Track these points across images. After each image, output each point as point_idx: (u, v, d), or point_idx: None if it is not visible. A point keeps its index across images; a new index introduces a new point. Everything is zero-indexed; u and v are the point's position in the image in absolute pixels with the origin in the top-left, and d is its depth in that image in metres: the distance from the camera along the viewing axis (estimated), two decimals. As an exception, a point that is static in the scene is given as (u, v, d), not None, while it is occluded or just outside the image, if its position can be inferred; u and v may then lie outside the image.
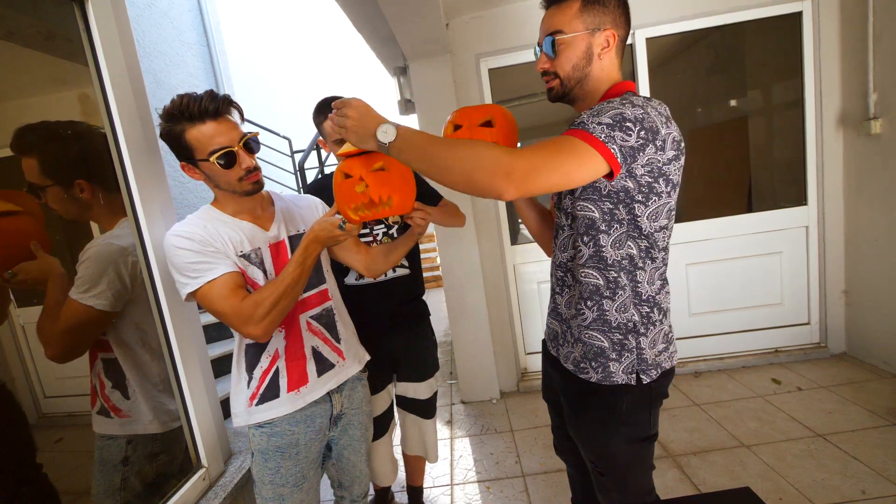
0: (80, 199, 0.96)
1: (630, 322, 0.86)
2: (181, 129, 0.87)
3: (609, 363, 0.87)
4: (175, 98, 0.87)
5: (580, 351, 0.90)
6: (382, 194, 0.91)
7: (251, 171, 0.93)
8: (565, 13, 0.85)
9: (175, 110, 0.86)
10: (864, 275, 2.35)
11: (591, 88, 0.88)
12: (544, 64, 0.90)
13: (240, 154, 0.91)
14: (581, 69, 0.86)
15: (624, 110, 0.74)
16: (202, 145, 0.88)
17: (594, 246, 0.85)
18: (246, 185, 0.94)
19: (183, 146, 0.88)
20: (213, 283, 0.88)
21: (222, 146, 0.88)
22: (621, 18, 0.86)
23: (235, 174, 0.91)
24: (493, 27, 2.34)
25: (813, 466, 1.68)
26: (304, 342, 1.05)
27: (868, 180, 2.24)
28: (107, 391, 1.02)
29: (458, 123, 0.90)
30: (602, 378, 0.87)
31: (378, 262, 1.20)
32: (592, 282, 0.87)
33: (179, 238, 0.89)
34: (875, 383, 2.18)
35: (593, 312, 0.88)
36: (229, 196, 0.97)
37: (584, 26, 0.84)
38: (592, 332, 0.88)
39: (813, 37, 2.30)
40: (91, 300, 0.91)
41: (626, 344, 0.86)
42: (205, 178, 0.93)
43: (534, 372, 2.73)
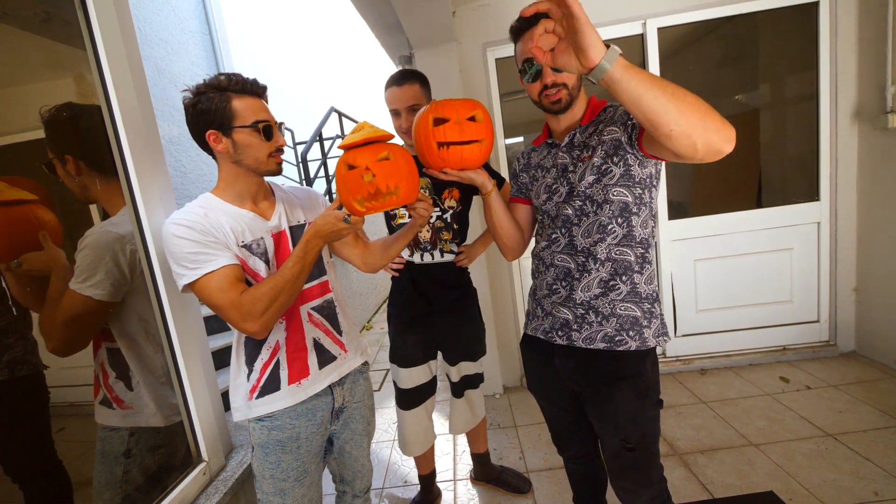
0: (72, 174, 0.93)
1: (654, 292, 1.00)
2: (227, 97, 0.89)
3: (643, 330, 0.98)
4: (220, 75, 0.90)
5: (614, 325, 0.98)
6: (390, 183, 0.89)
7: (280, 150, 0.96)
8: None
9: (223, 83, 0.89)
10: (876, 273, 2.31)
11: (581, 97, 1.03)
12: (552, 77, 0.97)
13: (276, 131, 0.95)
14: (580, 79, 1.00)
15: None
16: (248, 114, 0.90)
17: (627, 227, 0.96)
18: (272, 163, 0.95)
19: (224, 113, 0.89)
20: (212, 275, 0.85)
21: (266, 119, 0.92)
22: None
23: (268, 148, 0.93)
24: (500, 16, 2.29)
25: (824, 467, 1.65)
26: (305, 334, 1.03)
27: (883, 176, 2.19)
28: (110, 381, 0.99)
29: (444, 117, 0.90)
30: (640, 345, 0.97)
31: (376, 257, 1.18)
32: (627, 258, 0.97)
33: (179, 227, 0.86)
34: (886, 383, 2.15)
35: (626, 286, 0.98)
36: (240, 176, 0.95)
37: None
38: (627, 304, 0.98)
39: (830, 28, 2.24)
40: (89, 290, 0.88)
41: (654, 311, 1.00)
42: (230, 150, 0.91)
43: (538, 367, 2.71)
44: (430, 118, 0.91)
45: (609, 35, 2.31)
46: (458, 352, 1.58)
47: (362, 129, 0.94)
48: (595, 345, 0.99)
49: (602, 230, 0.97)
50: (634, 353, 0.98)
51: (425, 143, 0.91)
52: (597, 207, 0.97)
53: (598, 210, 0.97)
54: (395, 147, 0.93)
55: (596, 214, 0.97)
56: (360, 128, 0.95)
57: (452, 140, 0.89)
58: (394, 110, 1.39)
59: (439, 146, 0.90)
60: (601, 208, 0.96)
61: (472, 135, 0.90)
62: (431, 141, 0.90)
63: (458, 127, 0.89)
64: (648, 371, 0.99)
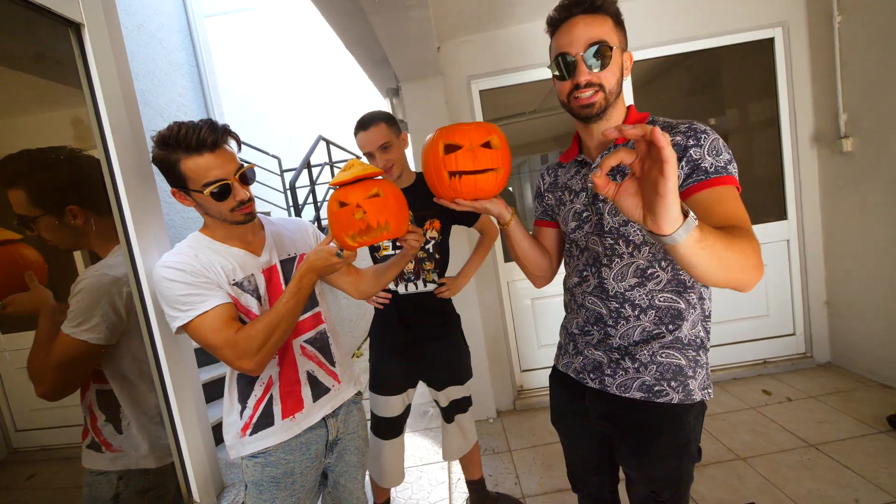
0: (73, 226, 0.94)
1: (698, 338, 0.89)
2: (176, 158, 0.84)
3: (688, 381, 0.87)
4: (172, 126, 0.84)
5: (654, 374, 0.88)
6: (380, 219, 0.92)
7: (244, 202, 0.92)
8: (604, 25, 0.81)
9: (171, 139, 0.83)
10: (844, 286, 2.44)
11: (617, 110, 0.88)
12: (587, 76, 0.81)
13: (234, 186, 0.89)
14: (619, 83, 0.85)
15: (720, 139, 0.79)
16: (197, 176, 0.85)
17: (672, 270, 0.85)
18: (238, 215, 0.92)
19: (176, 175, 0.86)
20: (206, 315, 0.86)
21: (217, 178, 0.86)
22: None
23: (228, 206, 0.90)
24: (483, 51, 2.41)
25: (807, 477, 1.70)
26: (299, 367, 1.04)
27: (843, 195, 2.35)
28: (99, 424, 0.98)
29: (457, 143, 0.80)
30: (683, 397, 0.87)
31: (369, 284, 1.20)
32: (673, 306, 0.87)
33: (170, 269, 0.86)
34: (861, 392, 2.24)
35: (671, 334, 0.87)
36: (218, 224, 0.95)
37: (620, 43, 0.84)
38: (669, 352, 0.88)
39: (785, 61, 2.43)
40: (85, 334, 0.88)
41: (699, 360, 0.89)
42: (195, 206, 0.92)
43: (530, 389, 2.72)
44: (441, 145, 0.81)
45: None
46: (444, 377, 1.59)
47: (352, 167, 0.98)
48: (631, 393, 0.90)
49: (641, 274, 0.86)
50: (675, 407, 0.87)
51: (435, 173, 0.82)
52: (633, 249, 0.86)
53: (636, 252, 0.86)
54: (385, 183, 0.97)
55: (632, 256, 0.86)
56: (350, 165, 0.99)
57: (465, 169, 0.80)
58: (367, 153, 1.43)
59: (451, 175, 0.80)
60: (638, 250, 0.86)
61: (486, 163, 0.80)
62: (442, 170, 0.80)
63: (470, 154, 0.79)
64: (691, 424, 0.88)
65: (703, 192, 0.76)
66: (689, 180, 0.77)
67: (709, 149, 0.77)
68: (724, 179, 0.75)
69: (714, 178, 0.75)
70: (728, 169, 0.76)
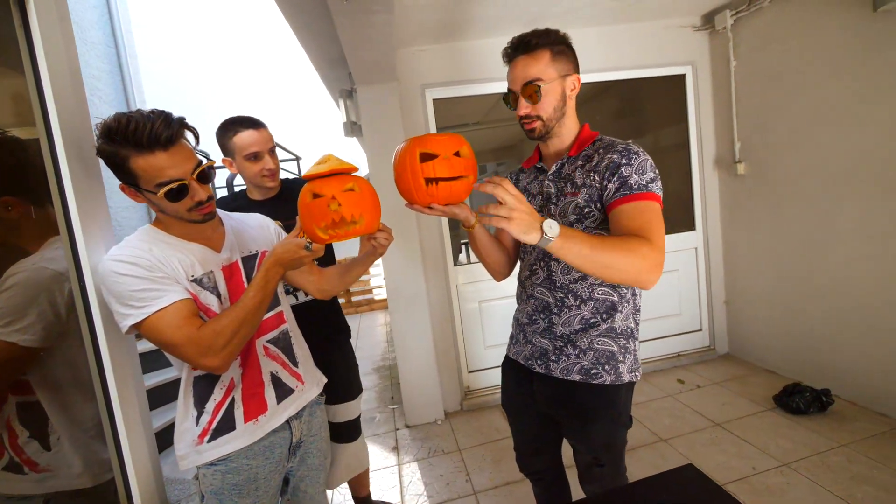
0: (5, 218, 0.82)
1: (629, 328, 1.02)
2: (125, 154, 0.76)
3: (618, 365, 1.00)
4: (120, 117, 0.75)
5: (591, 359, 1.01)
6: (355, 213, 0.92)
7: (202, 203, 0.86)
8: (539, 62, 0.94)
9: (119, 133, 0.75)
10: (739, 288, 2.87)
11: (568, 126, 1.02)
12: (526, 109, 0.98)
13: (192, 186, 0.83)
14: (559, 110, 0.98)
15: (649, 159, 0.92)
16: (149, 176, 0.78)
17: None
18: (195, 215, 0.87)
19: (126, 172, 0.78)
20: (164, 311, 0.79)
21: (173, 178, 0.79)
22: (577, 63, 1.00)
23: (185, 206, 0.84)
24: (437, 61, 2.49)
25: (716, 452, 1.97)
26: (262, 368, 1.00)
27: (738, 211, 2.77)
28: (20, 441, 0.85)
29: (433, 153, 0.86)
30: (615, 380, 1.00)
31: (332, 283, 1.19)
32: (609, 298, 1.00)
33: (120, 263, 0.79)
34: (753, 377, 2.64)
35: (606, 323, 1.00)
36: (174, 221, 0.89)
37: (557, 73, 0.95)
38: (604, 339, 1.00)
39: (693, 95, 2.82)
40: (14, 335, 0.78)
41: (629, 347, 1.02)
42: (148, 203, 0.84)
43: (476, 390, 2.80)
44: (417, 153, 0.86)
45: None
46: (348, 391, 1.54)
47: (328, 160, 0.98)
48: (571, 376, 1.02)
49: None
50: (608, 387, 1.00)
51: (413, 180, 0.87)
52: None
53: None
54: (360, 179, 0.98)
55: None
56: (326, 159, 0.98)
57: (442, 176, 0.86)
58: (253, 154, 1.34)
59: (427, 182, 0.86)
60: None
61: (460, 170, 0.88)
62: (419, 177, 0.86)
63: (447, 163, 0.86)
64: (622, 400, 1.03)
65: (625, 205, 0.89)
66: (617, 193, 0.90)
67: (636, 168, 0.90)
68: (644, 196, 0.88)
69: (636, 193, 0.88)
70: (649, 187, 0.89)
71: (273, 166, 1.37)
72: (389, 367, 3.71)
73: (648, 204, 0.88)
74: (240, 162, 1.35)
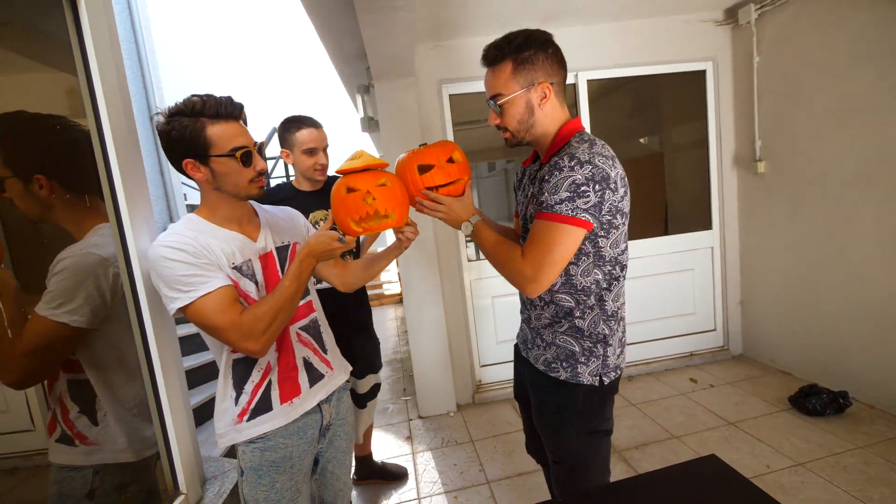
0: (38, 195, 0.88)
1: (600, 334, 0.99)
2: (201, 124, 0.86)
3: (578, 365, 1.00)
4: (191, 97, 0.87)
5: (553, 353, 1.03)
6: (388, 207, 0.98)
7: (262, 174, 0.95)
8: (499, 77, 0.95)
9: (195, 107, 0.86)
10: (754, 288, 2.85)
11: (540, 133, 0.99)
12: (495, 120, 1.01)
13: (255, 156, 0.93)
14: (526, 122, 0.97)
15: (574, 175, 0.86)
16: (224, 141, 0.87)
17: (565, 275, 0.98)
18: (253, 188, 0.95)
19: (199, 141, 0.86)
20: (209, 296, 0.84)
21: (243, 145, 0.90)
22: (554, 67, 0.95)
23: (248, 175, 0.92)
24: (453, 57, 2.50)
25: (729, 450, 1.98)
26: (296, 353, 1.05)
27: (756, 210, 2.75)
28: (71, 416, 0.91)
29: (429, 163, 0.99)
30: (570, 377, 1.00)
31: (356, 276, 1.23)
32: (566, 304, 1.00)
33: (170, 249, 0.85)
34: (766, 378, 2.63)
35: (569, 322, 1.00)
36: (223, 201, 0.95)
37: (520, 85, 0.93)
38: (567, 338, 1.01)
39: (714, 91, 2.79)
40: (65, 316, 0.83)
41: (595, 351, 0.99)
42: (209, 178, 0.91)
43: (488, 384, 2.84)
44: (415, 166, 1.00)
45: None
46: (366, 367, 1.80)
47: (361, 156, 1.02)
48: (538, 365, 1.07)
49: None
50: (564, 383, 1.01)
51: (413, 189, 1.01)
52: None
53: None
54: (391, 175, 1.02)
55: None
56: (359, 155, 1.02)
57: (440, 183, 0.99)
58: (309, 150, 1.54)
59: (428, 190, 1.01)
60: None
61: (454, 175, 1.01)
62: (421, 187, 1.00)
63: (442, 171, 0.99)
64: (580, 402, 1.00)
65: (534, 222, 0.93)
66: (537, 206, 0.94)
67: (552, 185, 0.88)
68: (546, 215, 0.89)
69: (541, 212, 0.90)
70: (555, 207, 0.88)
71: (325, 162, 1.58)
72: (401, 361, 3.76)
73: (546, 224, 0.89)
74: (297, 155, 1.54)
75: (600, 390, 1.00)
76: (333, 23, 1.94)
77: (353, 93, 2.85)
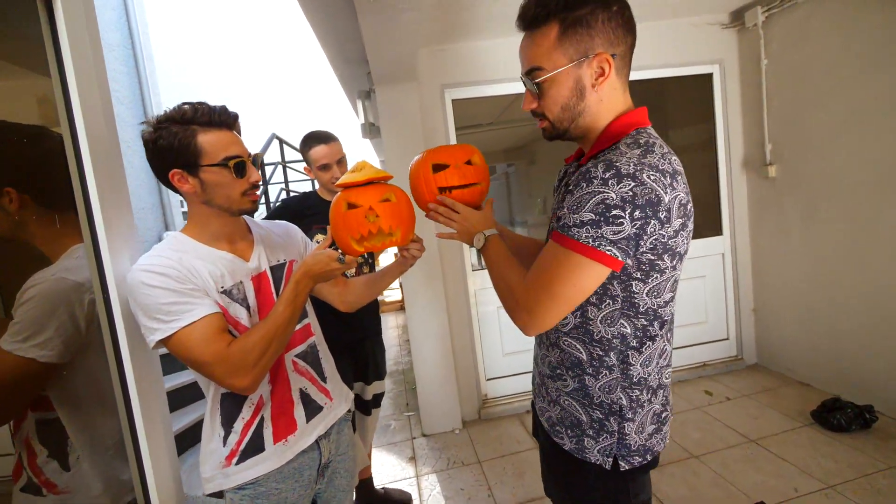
0: (8, 210, 0.79)
1: (615, 404, 0.74)
2: (192, 131, 0.80)
3: (584, 438, 0.77)
4: (182, 105, 0.81)
5: (557, 413, 0.82)
6: (393, 224, 0.90)
7: (255, 186, 0.88)
8: (540, 44, 0.70)
9: (187, 115, 0.80)
10: (768, 295, 2.76)
11: (588, 125, 0.74)
12: (531, 104, 0.76)
13: (250, 166, 0.87)
14: (572, 107, 0.72)
15: (606, 192, 0.62)
16: (216, 150, 0.82)
17: (581, 317, 0.75)
18: (246, 201, 0.88)
19: (189, 150, 0.80)
20: (193, 326, 0.76)
21: (237, 154, 0.84)
22: (618, 33, 0.68)
23: (241, 187, 0.86)
24: (457, 61, 2.43)
25: (752, 470, 1.87)
26: (292, 385, 0.95)
27: (767, 216, 2.67)
28: (39, 461, 0.81)
29: (444, 163, 0.91)
30: (575, 449, 0.78)
31: (358, 295, 1.15)
32: (575, 354, 0.77)
33: (150, 274, 0.76)
34: (784, 389, 2.53)
35: (574, 382, 0.78)
36: (212, 216, 0.87)
37: (568, 58, 0.68)
38: (571, 401, 0.79)
39: (721, 94, 2.73)
40: (33, 351, 0.73)
41: (607, 426, 0.75)
42: (197, 190, 0.83)
43: (494, 398, 2.73)
44: (430, 164, 0.91)
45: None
46: (375, 372, 1.80)
47: (363, 168, 0.93)
48: (542, 420, 0.87)
49: None
50: (570, 455, 0.79)
51: (426, 189, 0.92)
52: None
53: None
54: (396, 189, 0.93)
55: None
56: (361, 167, 0.94)
57: (454, 184, 0.91)
58: (323, 166, 1.58)
59: (441, 191, 0.91)
60: None
61: (471, 178, 0.91)
62: (433, 186, 0.91)
63: (458, 171, 0.91)
64: (591, 482, 0.78)
65: (549, 241, 0.71)
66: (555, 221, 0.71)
67: (575, 200, 0.65)
68: (561, 239, 0.66)
69: (556, 232, 0.68)
70: (572, 231, 0.65)
71: (339, 176, 1.59)
72: (403, 372, 3.65)
73: (557, 249, 0.67)
74: (315, 171, 1.62)
75: (615, 475, 0.75)
76: (333, 26, 1.87)
77: (353, 98, 2.77)
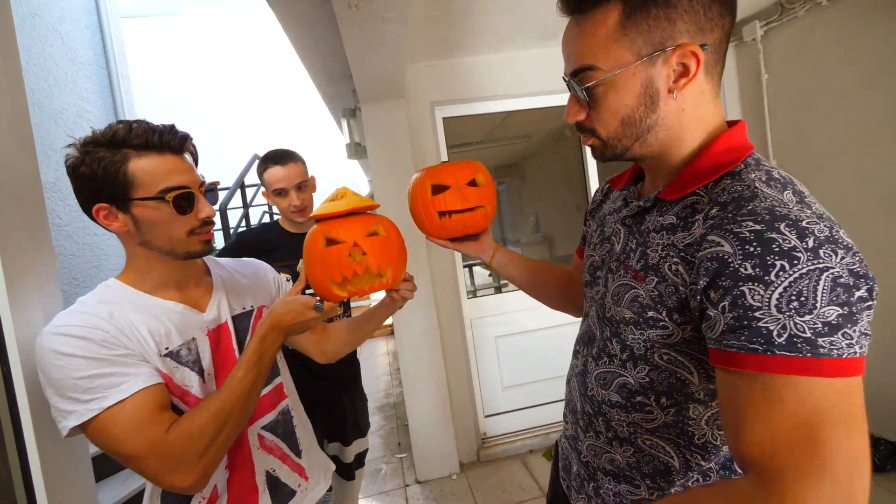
0: None
1: None
2: (122, 157, 0.63)
3: None
4: (113, 124, 0.65)
5: None
6: (381, 263, 0.73)
7: (206, 223, 0.71)
8: (594, 34, 0.49)
9: (118, 136, 0.64)
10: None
11: (662, 146, 0.53)
12: (577, 115, 0.55)
13: (199, 199, 0.70)
14: (639, 122, 0.51)
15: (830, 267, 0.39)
16: (152, 179, 0.64)
17: (677, 415, 0.54)
18: (195, 242, 0.69)
19: (117, 180, 0.63)
20: (121, 406, 0.57)
21: (181, 185, 0.66)
22: (711, 12, 0.47)
23: (187, 224, 0.68)
24: (447, 77, 2.31)
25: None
26: (256, 468, 0.76)
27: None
28: None
29: (444, 184, 0.81)
30: None
31: (338, 344, 0.97)
32: (662, 458, 0.57)
33: (64, 338, 0.57)
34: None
35: (650, 494, 0.59)
36: (153, 261, 0.69)
37: (634, 52, 0.48)
38: None
39: (720, 110, 2.65)
40: None
41: None
42: (130, 229, 0.65)
43: (494, 437, 2.52)
44: (428, 186, 0.81)
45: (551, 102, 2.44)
46: (354, 430, 1.54)
47: (344, 195, 0.77)
48: None
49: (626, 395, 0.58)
50: None
51: (425, 213, 0.83)
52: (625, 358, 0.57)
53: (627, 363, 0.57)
54: (384, 220, 0.78)
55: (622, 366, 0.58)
56: (342, 194, 0.77)
57: (454, 209, 0.81)
58: (279, 190, 1.35)
59: (441, 215, 0.82)
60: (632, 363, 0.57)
61: (474, 201, 0.82)
62: (431, 210, 0.82)
63: (459, 194, 0.81)
64: None
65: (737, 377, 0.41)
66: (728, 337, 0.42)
67: (787, 296, 0.39)
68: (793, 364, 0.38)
69: (770, 355, 0.39)
70: (819, 345, 0.38)
71: (298, 203, 1.36)
72: (395, 405, 3.42)
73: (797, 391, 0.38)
74: (271, 197, 1.39)
75: None
76: (314, 39, 1.74)
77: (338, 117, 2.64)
